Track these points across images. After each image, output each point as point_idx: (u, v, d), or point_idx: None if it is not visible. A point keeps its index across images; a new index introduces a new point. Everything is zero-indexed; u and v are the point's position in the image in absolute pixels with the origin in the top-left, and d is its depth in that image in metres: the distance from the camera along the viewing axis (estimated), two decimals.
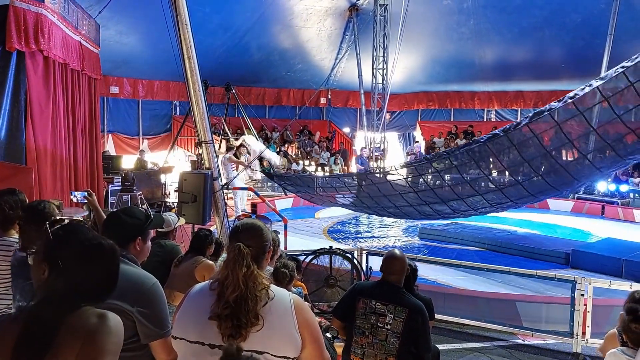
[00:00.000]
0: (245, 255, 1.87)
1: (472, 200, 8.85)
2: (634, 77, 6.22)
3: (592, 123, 7.01)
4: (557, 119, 7.07)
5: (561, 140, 7.40)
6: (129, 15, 13.40)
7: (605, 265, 8.58)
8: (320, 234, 11.66)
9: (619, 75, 6.36)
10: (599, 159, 7.50)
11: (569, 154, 7.79)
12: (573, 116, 6.99)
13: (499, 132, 7.69)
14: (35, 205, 3.02)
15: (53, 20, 7.29)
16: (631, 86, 6.30)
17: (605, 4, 13.89)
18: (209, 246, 4.51)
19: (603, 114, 6.95)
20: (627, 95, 6.54)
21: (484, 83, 19.49)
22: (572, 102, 6.73)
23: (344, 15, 17.28)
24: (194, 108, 7.06)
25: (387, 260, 3.35)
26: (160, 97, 17.90)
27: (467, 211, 9.14)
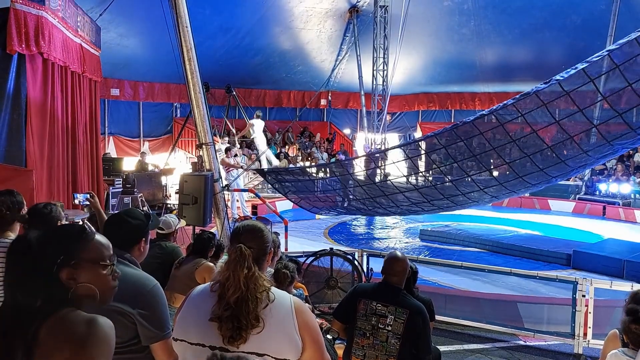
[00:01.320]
0: (247, 256, 1.88)
1: (462, 184, 8.81)
2: (619, 60, 6.36)
3: (577, 103, 7.09)
4: (542, 98, 7.14)
5: (547, 120, 7.46)
6: (130, 17, 13.44)
7: (607, 266, 8.58)
8: (321, 235, 11.66)
9: (604, 57, 6.48)
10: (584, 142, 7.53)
11: (554, 132, 7.81)
12: (559, 96, 7.06)
13: (486, 112, 7.76)
14: (40, 207, 2.99)
15: (54, 23, 7.30)
16: (617, 68, 6.42)
17: (605, 5, 13.91)
18: (210, 249, 4.51)
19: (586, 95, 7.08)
20: (612, 77, 6.70)
21: (485, 84, 19.48)
22: (558, 82, 6.80)
23: (344, 17, 17.30)
24: (194, 110, 7.08)
25: (388, 262, 3.36)
26: (161, 99, 17.92)
27: (457, 196, 9.08)
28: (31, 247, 1.48)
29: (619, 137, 7.11)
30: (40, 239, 1.51)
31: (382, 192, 9.23)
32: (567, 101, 6.94)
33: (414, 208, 9.55)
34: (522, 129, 7.64)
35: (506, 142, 7.88)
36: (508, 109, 7.40)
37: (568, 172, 8.57)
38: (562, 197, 15.38)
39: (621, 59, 6.31)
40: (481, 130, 7.80)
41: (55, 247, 1.50)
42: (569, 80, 6.72)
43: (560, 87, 6.78)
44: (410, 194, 9.08)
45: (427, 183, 9.01)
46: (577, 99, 6.89)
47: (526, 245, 10.05)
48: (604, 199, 14.67)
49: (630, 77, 6.39)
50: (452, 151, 8.43)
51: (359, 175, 9.76)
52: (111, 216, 2.59)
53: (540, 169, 7.92)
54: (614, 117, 6.93)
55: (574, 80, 6.73)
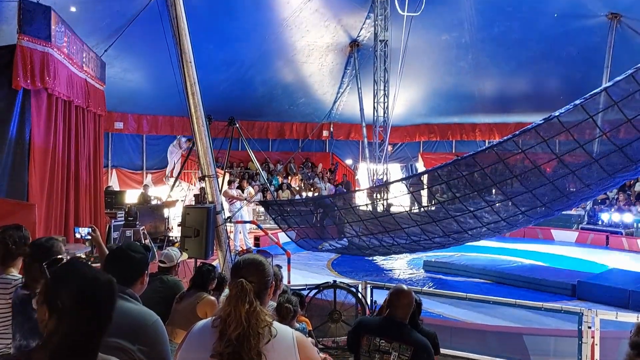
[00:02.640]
0: (248, 291, 1.87)
1: (463, 219, 8.81)
2: (617, 97, 6.43)
3: (577, 138, 7.15)
4: (542, 134, 7.19)
5: (548, 155, 7.50)
6: (134, 53, 13.68)
7: (612, 297, 8.49)
8: (324, 267, 11.58)
9: (602, 93, 6.56)
10: (585, 173, 7.55)
11: (554, 167, 7.84)
12: (559, 132, 7.11)
13: (486, 146, 7.83)
14: (42, 242, 2.99)
15: (59, 59, 7.46)
16: (615, 105, 6.50)
17: (600, 37, 14.14)
18: (212, 281, 4.48)
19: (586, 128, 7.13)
20: (611, 113, 6.76)
21: (485, 115, 19.67)
22: (557, 118, 6.87)
23: (345, 51, 17.60)
24: (197, 143, 7.15)
25: (393, 295, 3.31)
26: (165, 131, 18.07)
27: (460, 233, 9.08)
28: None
29: (620, 170, 7.14)
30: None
31: (383, 228, 9.24)
32: (567, 136, 7.01)
33: (415, 246, 9.56)
34: (523, 163, 7.69)
35: (507, 177, 7.93)
36: (508, 144, 7.46)
37: (570, 205, 8.58)
38: (565, 226, 15.31)
39: (619, 96, 6.39)
40: (482, 165, 7.85)
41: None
42: (567, 116, 6.81)
43: (560, 123, 6.85)
44: (411, 230, 9.09)
45: (428, 219, 9.01)
46: (577, 134, 6.96)
47: (530, 276, 9.95)
48: (607, 228, 14.60)
49: (628, 113, 6.47)
50: (454, 185, 8.47)
51: (360, 208, 9.80)
52: (113, 251, 2.59)
53: (542, 203, 7.94)
54: (614, 151, 6.97)
55: (573, 117, 6.81)
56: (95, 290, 1.50)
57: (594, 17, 13.87)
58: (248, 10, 14.00)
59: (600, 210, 15.30)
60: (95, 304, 1.47)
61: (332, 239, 10.89)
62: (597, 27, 14.11)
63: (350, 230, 10.40)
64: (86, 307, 1.45)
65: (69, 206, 8.24)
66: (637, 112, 6.56)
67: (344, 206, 10.16)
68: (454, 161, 8.20)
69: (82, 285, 1.49)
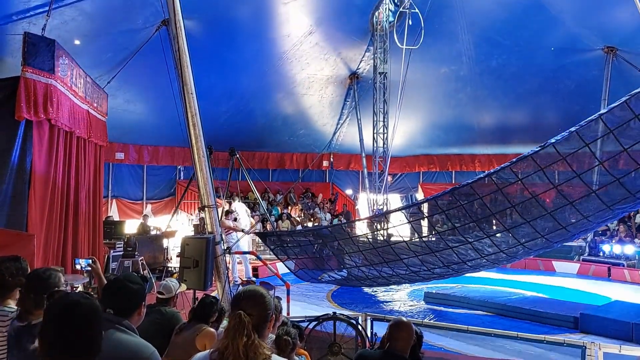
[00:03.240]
0: (246, 324, 1.86)
1: (463, 251, 8.76)
2: (613, 125, 6.46)
3: (574, 168, 7.14)
4: (539, 162, 7.19)
5: (546, 185, 7.49)
6: (137, 84, 13.87)
7: (615, 329, 8.38)
8: (324, 298, 11.47)
9: (596, 120, 6.59)
10: (583, 203, 7.52)
11: (553, 198, 7.81)
12: (556, 160, 7.12)
13: (484, 175, 7.82)
14: (39, 273, 2.96)
15: (62, 91, 7.55)
16: (611, 133, 6.52)
17: (597, 70, 14.35)
18: (213, 314, 4.41)
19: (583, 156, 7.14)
20: (608, 142, 6.78)
21: (484, 146, 19.78)
22: (553, 145, 6.88)
23: (344, 83, 17.83)
24: (198, 173, 7.18)
25: (393, 328, 3.29)
26: (165, 162, 18.17)
27: (459, 264, 9.01)
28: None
29: (618, 201, 7.12)
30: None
31: (382, 259, 9.19)
32: (564, 166, 7.02)
33: (414, 277, 9.49)
34: (522, 194, 7.67)
35: (506, 207, 7.90)
36: (506, 172, 7.46)
37: (569, 237, 8.53)
38: (566, 258, 15.22)
39: (614, 124, 6.42)
40: (481, 195, 7.84)
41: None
42: (563, 143, 6.82)
43: (556, 150, 6.87)
44: (410, 261, 9.03)
45: (427, 250, 8.97)
46: (574, 163, 6.97)
47: (532, 308, 9.85)
48: (609, 260, 14.51)
49: (625, 142, 6.49)
50: (453, 215, 8.44)
51: (360, 239, 9.76)
52: (110, 281, 2.57)
53: (541, 235, 7.90)
54: (612, 182, 6.96)
55: (569, 144, 6.83)
56: (75, 311, 1.55)
57: (590, 50, 14.10)
58: (249, 43, 14.25)
59: (602, 242, 15.23)
60: (73, 324, 1.52)
61: (331, 270, 10.81)
62: (593, 61, 14.33)
63: (349, 261, 10.34)
64: (65, 326, 1.51)
65: (67, 236, 8.22)
66: (633, 141, 6.57)
67: (342, 237, 10.12)
68: (453, 189, 8.19)
69: (63, 306, 1.56)
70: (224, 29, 13.26)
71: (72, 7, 9.83)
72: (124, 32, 11.67)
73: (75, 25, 10.39)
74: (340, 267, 10.60)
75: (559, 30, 13.74)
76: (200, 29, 12.40)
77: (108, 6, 10.55)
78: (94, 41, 11.35)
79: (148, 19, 11.44)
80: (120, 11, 11.01)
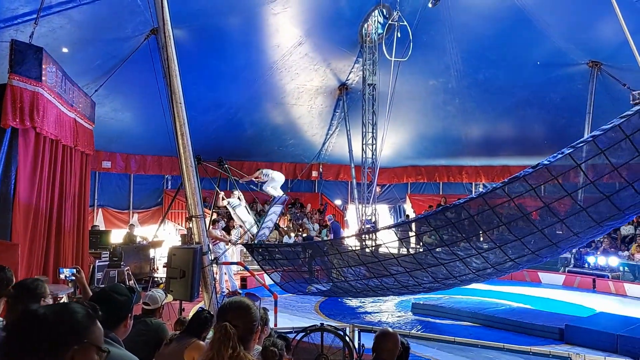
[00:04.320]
0: (231, 335, 1.85)
1: (452, 266, 8.79)
2: (604, 145, 6.56)
3: (565, 186, 7.23)
4: (530, 182, 7.26)
5: (536, 203, 7.56)
6: (125, 93, 13.81)
7: (600, 341, 8.44)
8: (311, 309, 11.43)
9: (589, 142, 6.68)
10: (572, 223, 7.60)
11: (542, 214, 7.89)
12: (547, 180, 7.20)
13: (475, 195, 7.88)
14: (27, 283, 2.93)
15: (49, 99, 7.50)
16: (602, 153, 6.61)
17: (582, 84, 14.56)
18: (207, 330, 4.30)
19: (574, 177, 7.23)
20: (598, 161, 6.88)
21: (471, 158, 19.96)
22: (546, 167, 6.96)
23: (334, 94, 17.91)
24: (185, 183, 7.14)
25: (379, 339, 3.30)
26: (153, 171, 18.05)
27: (448, 278, 9.04)
28: (43, 322, 1.40)
29: (607, 218, 7.21)
30: (54, 315, 1.43)
31: (371, 274, 9.20)
32: (555, 185, 7.10)
33: (403, 291, 9.50)
34: (512, 211, 7.74)
35: (496, 224, 7.97)
36: (497, 193, 7.52)
37: (558, 252, 8.60)
38: (552, 269, 15.33)
39: (605, 144, 6.52)
40: (471, 213, 7.90)
41: (68, 325, 1.43)
42: (555, 164, 6.90)
43: (548, 171, 6.95)
44: (399, 276, 9.05)
45: (416, 265, 8.99)
46: (565, 183, 7.05)
47: (518, 319, 9.90)
48: (593, 271, 14.64)
49: (615, 162, 6.59)
50: (442, 231, 8.49)
51: (348, 255, 9.75)
52: (97, 293, 2.55)
53: (531, 251, 7.96)
54: (602, 199, 7.05)
55: (561, 164, 6.91)
56: (31, 321, 1.42)
57: (576, 65, 14.32)
58: (238, 53, 14.28)
59: (587, 254, 15.36)
60: (28, 336, 1.41)
61: (318, 282, 10.78)
62: (578, 75, 14.55)
63: (337, 274, 10.33)
64: (22, 341, 1.40)
65: (50, 246, 8.11)
66: (623, 160, 6.68)
67: (331, 251, 10.11)
68: (444, 208, 8.24)
69: (23, 318, 1.44)
70: (214, 38, 13.28)
71: (60, 15, 9.78)
72: (113, 41, 11.63)
73: (64, 33, 10.33)
74: (328, 280, 10.58)
75: (545, 45, 13.94)
76: (190, 38, 12.41)
77: (97, 14, 10.51)
78: (82, 49, 11.29)
79: (137, 28, 11.42)
80: (109, 19, 10.98)
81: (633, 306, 11.96)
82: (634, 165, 6.62)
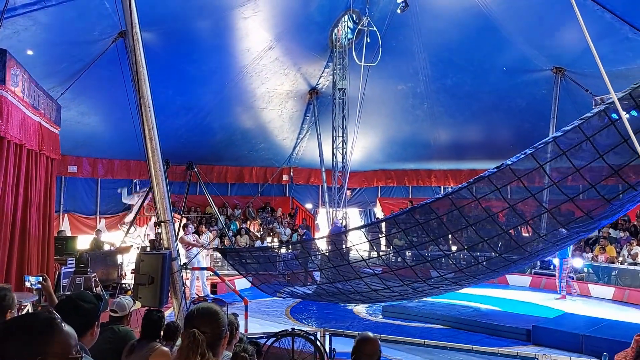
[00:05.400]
0: (200, 342, 1.84)
1: (422, 268, 8.88)
2: (565, 147, 6.74)
3: (530, 188, 7.39)
4: (495, 182, 7.40)
5: (501, 204, 7.69)
6: (92, 96, 13.55)
7: (566, 341, 8.65)
8: (282, 314, 11.40)
9: (550, 143, 6.86)
10: (537, 223, 7.77)
11: (507, 215, 8.04)
12: (511, 181, 7.35)
13: (441, 195, 7.99)
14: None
15: (13, 102, 7.31)
16: (564, 154, 6.78)
17: (546, 89, 14.94)
18: (162, 328, 4.29)
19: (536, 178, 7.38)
20: (560, 162, 7.06)
21: (440, 162, 20.26)
22: (509, 167, 7.11)
23: (304, 98, 17.94)
24: (154, 187, 7.03)
25: (358, 343, 3.28)
26: (121, 176, 17.74)
27: (419, 282, 9.12)
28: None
29: (572, 221, 7.37)
30: (1, 332, 1.35)
31: (342, 277, 9.21)
32: (519, 185, 7.24)
33: (376, 296, 9.54)
34: (478, 212, 7.85)
35: (463, 226, 8.07)
36: (463, 192, 7.63)
37: (527, 257, 8.71)
38: (519, 271, 15.64)
39: (567, 145, 6.68)
40: (438, 214, 7.99)
41: (18, 341, 1.34)
42: (518, 164, 7.04)
43: (511, 171, 7.09)
44: (370, 279, 9.08)
45: (386, 269, 9.05)
46: (528, 183, 7.19)
47: (487, 321, 10.07)
48: None
49: (577, 164, 6.76)
50: (411, 232, 8.56)
51: (320, 257, 9.76)
52: (62, 300, 2.50)
53: (499, 254, 8.08)
54: (565, 201, 7.22)
55: (524, 165, 7.05)
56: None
57: (540, 71, 14.69)
58: (208, 56, 14.17)
59: (553, 256, 15.74)
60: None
61: (291, 285, 10.76)
62: (543, 80, 14.92)
63: (308, 278, 10.33)
64: None
65: (13, 252, 7.89)
66: (585, 162, 6.85)
67: (302, 255, 10.11)
68: (411, 209, 8.30)
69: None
70: (183, 42, 13.15)
71: (25, 16, 9.54)
72: (80, 43, 11.39)
73: (29, 35, 10.08)
74: (300, 284, 10.56)
75: (510, 51, 14.27)
76: (159, 41, 12.26)
77: (63, 16, 10.29)
78: (47, 52, 11.04)
79: (105, 30, 11.23)
80: (76, 22, 10.75)
81: (597, 307, 12.32)
82: (595, 168, 6.80)
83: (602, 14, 11.35)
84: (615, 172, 6.50)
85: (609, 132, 6.38)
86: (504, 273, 9.60)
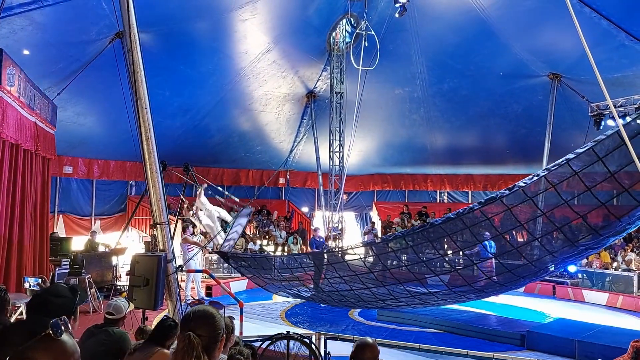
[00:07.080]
0: (196, 345, 1.83)
1: (431, 282, 8.93)
2: (578, 167, 6.79)
3: (540, 206, 7.44)
4: (506, 202, 7.45)
5: (512, 223, 7.73)
6: (88, 97, 13.50)
7: (560, 347, 8.68)
8: (277, 317, 11.37)
9: (563, 165, 6.90)
10: (548, 241, 7.82)
11: (518, 235, 8.12)
12: (523, 201, 7.41)
13: (452, 215, 7.99)
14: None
15: (9, 102, 7.29)
16: (575, 175, 6.83)
17: (542, 95, 14.99)
18: (172, 338, 4.20)
19: (549, 198, 7.44)
20: (572, 183, 7.10)
21: (436, 166, 20.30)
22: (521, 189, 7.17)
23: (301, 101, 17.94)
24: (150, 189, 7.00)
25: (357, 348, 3.27)
26: (116, 177, 17.67)
27: (425, 295, 9.15)
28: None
29: (582, 238, 7.44)
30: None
31: (349, 287, 9.21)
32: (530, 206, 7.35)
33: (381, 304, 9.57)
34: (490, 232, 7.95)
35: (473, 242, 8.15)
36: (475, 214, 7.70)
37: (535, 273, 8.77)
38: None
39: (579, 167, 6.77)
40: (448, 232, 8.04)
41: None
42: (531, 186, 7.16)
43: (523, 192, 7.19)
44: (377, 289, 9.12)
45: (378, 284, 9.08)
46: (539, 204, 7.30)
47: (481, 325, 10.09)
48: (553, 278, 15.02)
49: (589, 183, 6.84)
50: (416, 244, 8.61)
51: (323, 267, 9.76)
52: (34, 296, 2.39)
53: (507, 269, 8.15)
54: (576, 219, 7.29)
55: (537, 187, 7.14)
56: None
57: (537, 77, 14.73)
58: (205, 58, 14.16)
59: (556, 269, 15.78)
60: None
61: (292, 288, 10.69)
62: (539, 86, 14.97)
63: (307, 286, 10.34)
64: None
65: (11, 253, 7.84)
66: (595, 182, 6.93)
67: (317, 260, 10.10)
68: (422, 227, 8.45)
69: None
70: (181, 43, 13.13)
71: (21, 16, 9.50)
72: (77, 43, 11.36)
73: (25, 34, 10.05)
74: (300, 288, 10.53)
75: (507, 57, 14.31)
76: (157, 42, 12.24)
77: (60, 16, 10.26)
78: (44, 51, 11.00)
79: (102, 31, 11.20)
80: (73, 22, 10.72)
81: (591, 312, 12.35)
82: (606, 186, 6.88)
83: (599, 21, 11.41)
84: (626, 190, 6.59)
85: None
86: (506, 288, 9.64)
